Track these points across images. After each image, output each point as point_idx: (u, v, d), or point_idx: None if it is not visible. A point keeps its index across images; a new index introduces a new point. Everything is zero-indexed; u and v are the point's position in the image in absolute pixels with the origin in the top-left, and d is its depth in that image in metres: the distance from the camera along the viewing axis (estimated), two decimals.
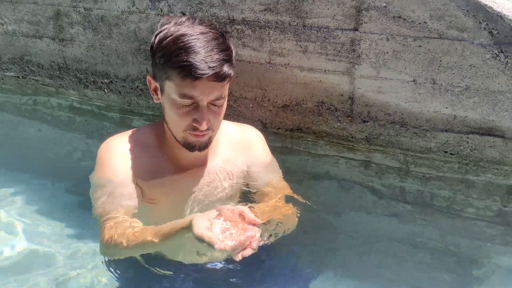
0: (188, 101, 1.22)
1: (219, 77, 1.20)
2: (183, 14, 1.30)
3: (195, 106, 1.24)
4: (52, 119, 2.28)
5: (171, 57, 1.19)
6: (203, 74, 1.17)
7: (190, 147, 1.30)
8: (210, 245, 1.05)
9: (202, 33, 1.21)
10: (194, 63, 1.17)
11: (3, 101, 2.36)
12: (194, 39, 1.19)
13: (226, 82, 1.24)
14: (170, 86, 1.23)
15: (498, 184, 1.59)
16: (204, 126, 1.23)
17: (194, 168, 1.41)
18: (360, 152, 1.72)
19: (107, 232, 1.27)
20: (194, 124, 1.24)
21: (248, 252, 1.09)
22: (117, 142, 1.39)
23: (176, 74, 1.20)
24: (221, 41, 1.24)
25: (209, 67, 1.17)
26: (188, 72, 1.17)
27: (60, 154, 2.20)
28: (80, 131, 2.21)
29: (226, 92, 1.28)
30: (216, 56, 1.19)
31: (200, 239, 1.06)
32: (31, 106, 2.32)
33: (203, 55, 1.18)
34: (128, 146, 1.38)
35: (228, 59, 1.23)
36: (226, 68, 1.21)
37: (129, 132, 1.42)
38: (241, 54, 1.68)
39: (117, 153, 1.36)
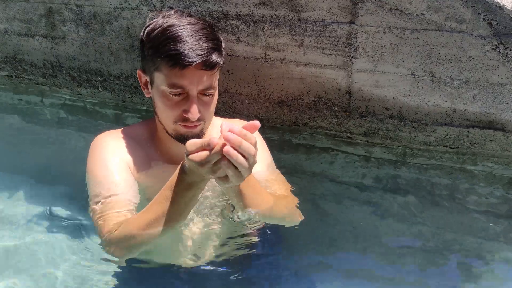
0: (177, 91, 1.22)
1: (207, 65, 1.20)
2: (171, 8, 1.30)
3: (185, 96, 1.23)
4: (46, 118, 2.26)
5: (160, 47, 1.20)
6: (191, 62, 1.17)
7: (181, 139, 1.28)
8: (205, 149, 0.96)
9: (190, 23, 1.22)
10: (183, 51, 1.17)
11: None
12: (182, 29, 1.20)
13: (215, 70, 1.24)
14: (159, 77, 1.23)
15: (500, 175, 1.57)
16: (194, 116, 1.22)
17: None
18: (359, 146, 1.70)
19: (105, 225, 1.22)
20: (184, 115, 1.24)
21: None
22: (109, 137, 1.38)
23: (164, 64, 1.20)
24: (209, 31, 1.24)
25: (197, 55, 1.18)
26: (177, 60, 1.18)
27: (55, 152, 2.18)
28: (74, 130, 2.19)
29: (216, 83, 1.28)
30: (205, 45, 1.20)
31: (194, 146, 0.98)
32: (24, 105, 2.30)
33: (191, 44, 1.18)
34: (120, 140, 1.37)
35: (216, 48, 1.23)
36: (214, 57, 1.21)
37: (121, 128, 1.42)
38: (235, 50, 1.66)
39: (109, 147, 1.35)
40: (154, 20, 1.25)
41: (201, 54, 1.18)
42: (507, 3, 1.31)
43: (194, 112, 1.22)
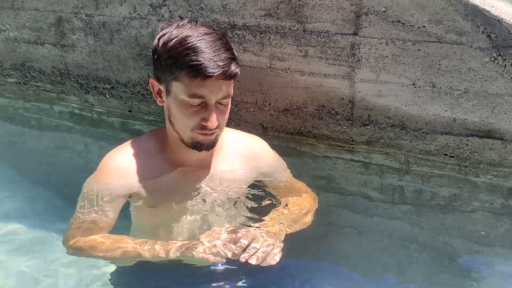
0: (197, 101, 1.24)
1: (227, 75, 1.23)
2: (181, 18, 1.32)
3: (203, 105, 1.26)
4: (53, 125, 2.29)
5: (179, 58, 1.21)
6: (213, 73, 1.19)
7: (198, 146, 1.31)
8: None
9: (206, 34, 1.24)
10: (204, 62, 1.19)
11: (5, 107, 2.37)
12: (200, 40, 1.21)
13: (234, 80, 1.27)
14: (178, 87, 1.25)
15: (499, 186, 1.60)
16: (213, 125, 1.25)
17: (197, 172, 1.42)
18: (361, 154, 1.73)
19: (72, 237, 1.36)
20: (202, 123, 1.26)
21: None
22: (117, 156, 1.39)
23: (185, 74, 1.22)
24: (225, 41, 1.27)
25: (218, 66, 1.20)
26: (198, 71, 1.19)
27: (61, 159, 2.20)
28: (81, 136, 2.21)
29: (232, 91, 1.30)
30: (224, 55, 1.22)
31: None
32: (32, 112, 2.33)
33: (211, 55, 1.20)
34: (128, 158, 1.38)
35: (234, 58, 1.26)
36: (233, 67, 1.24)
37: (129, 142, 1.42)
38: (242, 59, 1.70)
39: (114, 168, 1.37)
40: (167, 30, 1.26)
41: (222, 65, 1.20)
42: (506, 16, 1.35)
43: (213, 121, 1.25)
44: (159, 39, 1.26)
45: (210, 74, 1.19)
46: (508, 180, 1.59)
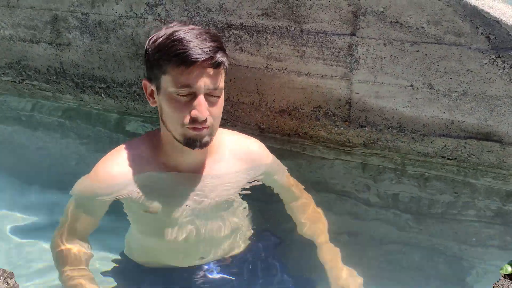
0: (185, 91, 1.23)
1: (213, 62, 1.23)
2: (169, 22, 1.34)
3: (193, 97, 1.24)
4: (48, 124, 2.27)
5: (166, 50, 1.23)
6: (198, 58, 1.20)
7: (190, 142, 1.29)
8: None
9: (193, 28, 1.26)
10: (189, 49, 1.20)
11: (1, 105, 2.36)
12: (186, 32, 1.23)
13: (221, 68, 1.27)
14: (167, 80, 1.25)
15: (497, 188, 1.59)
16: (203, 115, 1.23)
17: (193, 175, 1.41)
18: (358, 156, 1.72)
19: (57, 235, 1.40)
20: (192, 116, 1.24)
21: None
22: (110, 161, 1.38)
23: (172, 64, 1.22)
24: (213, 34, 1.28)
25: (204, 52, 1.21)
26: (184, 58, 1.20)
27: (56, 158, 2.19)
28: (76, 136, 2.20)
29: (223, 84, 1.29)
30: (210, 43, 1.23)
31: None
32: (27, 111, 2.32)
33: (197, 43, 1.22)
34: (120, 163, 1.37)
35: (221, 47, 1.26)
36: (219, 55, 1.24)
37: (123, 146, 1.41)
38: (238, 59, 1.69)
39: (105, 174, 1.36)
40: (156, 33, 1.29)
41: (207, 51, 1.21)
42: (505, 17, 1.34)
43: (201, 110, 1.23)
44: (149, 41, 1.29)
45: (194, 59, 1.20)
46: (506, 183, 1.58)
